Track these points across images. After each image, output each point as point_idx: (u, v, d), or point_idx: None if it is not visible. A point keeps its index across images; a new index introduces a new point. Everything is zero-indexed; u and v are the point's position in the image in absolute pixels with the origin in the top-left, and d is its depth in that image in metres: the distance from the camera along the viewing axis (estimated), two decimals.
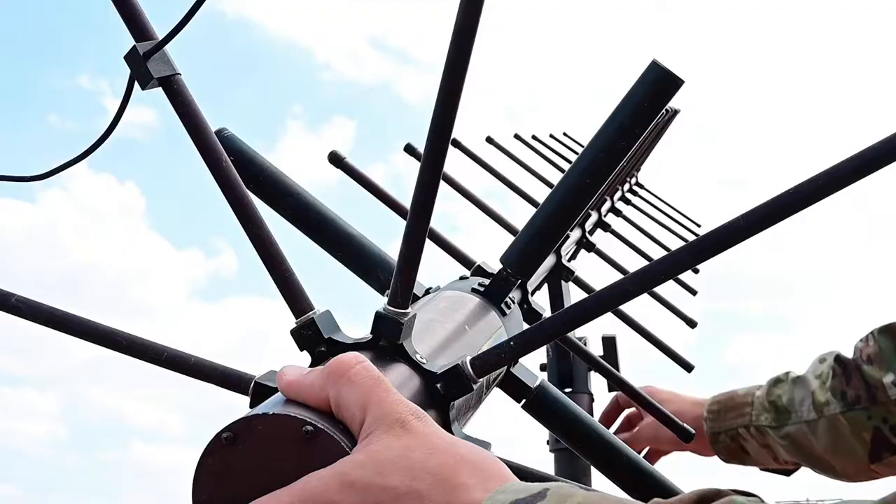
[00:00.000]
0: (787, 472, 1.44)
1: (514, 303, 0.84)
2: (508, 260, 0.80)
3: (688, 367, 0.97)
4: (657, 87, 0.73)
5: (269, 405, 0.50)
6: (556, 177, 1.75)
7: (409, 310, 0.59)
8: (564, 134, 2.14)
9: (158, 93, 0.62)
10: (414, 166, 1.36)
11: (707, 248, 0.53)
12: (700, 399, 1.44)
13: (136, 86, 0.62)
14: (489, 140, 1.63)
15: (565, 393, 1.35)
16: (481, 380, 0.60)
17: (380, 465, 0.46)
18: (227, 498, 0.49)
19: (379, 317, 0.58)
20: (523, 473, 0.59)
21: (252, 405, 0.61)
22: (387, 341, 0.59)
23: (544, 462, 1.34)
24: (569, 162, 1.92)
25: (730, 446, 1.40)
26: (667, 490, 0.79)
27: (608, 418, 1.46)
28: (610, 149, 0.75)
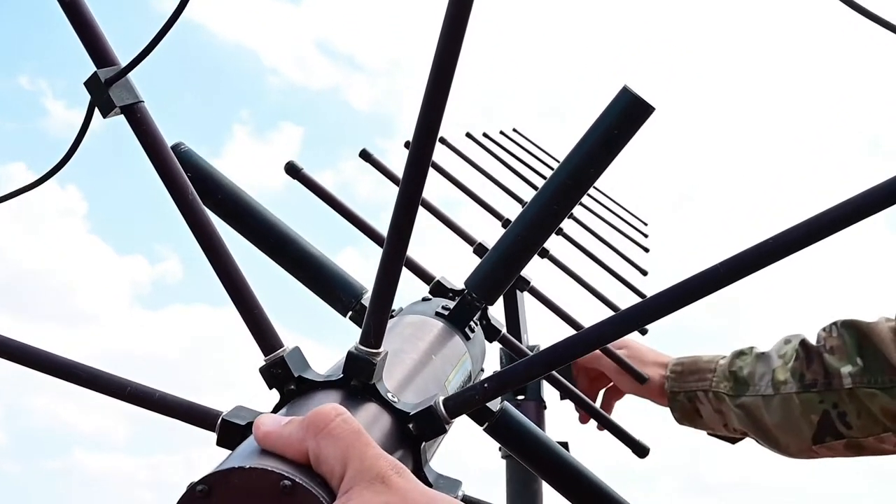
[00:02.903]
0: (733, 441, 1.51)
1: (477, 325, 0.84)
2: (473, 285, 0.79)
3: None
4: (627, 114, 0.73)
5: (245, 456, 0.49)
6: (506, 176, 1.76)
7: (380, 349, 0.58)
8: (514, 130, 2.15)
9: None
10: (367, 173, 1.35)
11: (684, 296, 0.53)
12: (663, 358, 1.49)
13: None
14: (442, 140, 1.62)
15: (518, 400, 1.37)
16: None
17: None
18: None
19: (351, 357, 0.57)
20: None
21: (219, 442, 0.60)
22: (358, 381, 0.58)
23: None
24: (517, 160, 1.93)
25: (685, 406, 1.47)
26: None
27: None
28: (579, 175, 0.75)
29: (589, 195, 1.94)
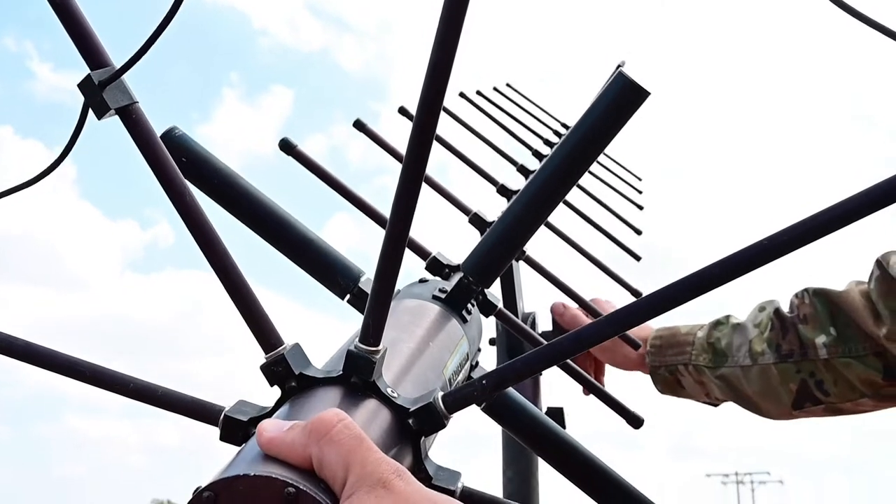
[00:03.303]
0: (715, 405, 1.56)
1: (474, 306, 0.85)
2: (470, 268, 0.80)
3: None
4: (623, 99, 0.73)
5: (249, 462, 0.50)
6: (501, 138, 1.74)
7: (380, 347, 0.59)
8: (508, 86, 2.13)
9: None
10: (359, 137, 1.34)
11: (678, 295, 0.54)
12: (643, 332, 1.53)
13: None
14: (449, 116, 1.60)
15: None
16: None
17: None
18: None
19: (351, 356, 0.58)
20: None
21: (222, 438, 0.61)
22: (358, 378, 0.59)
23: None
24: (512, 118, 1.91)
25: (667, 379, 1.52)
26: (618, 485, 0.82)
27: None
28: (575, 157, 0.75)
29: None
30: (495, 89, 2.03)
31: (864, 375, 1.32)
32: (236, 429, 0.60)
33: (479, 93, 1.93)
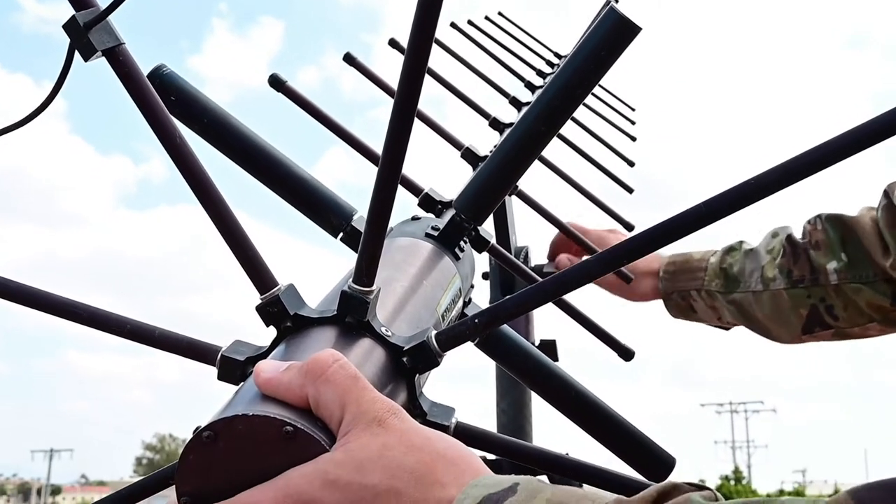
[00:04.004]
0: (726, 329, 1.58)
1: (466, 242, 0.85)
2: (462, 206, 0.80)
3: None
4: (614, 35, 0.72)
5: (247, 403, 0.51)
6: (493, 69, 1.72)
7: (373, 287, 0.59)
8: (500, 14, 2.09)
9: None
10: (351, 69, 1.32)
11: (669, 233, 0.55)
12: (653, 264, 1.55)
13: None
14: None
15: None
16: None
17: (359, 463, 0.48)
18: (210, 491, 0.50)
19: (345, 296, 0.59)
20: (488, 440, 0.62)
21: (220, 377, 0.62)
22: (353, 318, 0.59)
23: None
24: (504, 49, 1.88)
25: (680, 304, 1.54)
26: (607, 416, 0.84)
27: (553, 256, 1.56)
28: (566, 95, 0.75)
29: None
30: (487, 18, 2.00)
31: (873, 301, 1.34)
32: (233, 368, 0.61)
33: (470, 22, 1.90)
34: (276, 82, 1.01)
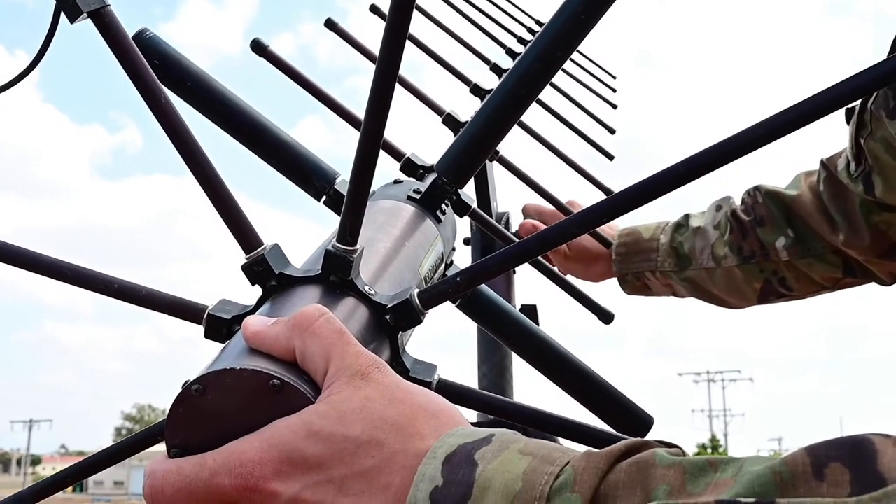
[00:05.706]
0: (682, 297, 1.61)
1: (448, 206, 0.86)
2: (444, 168, 0.81)
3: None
4: None
5: (235, 357, 0.53)
6: (474, 36, 1.73)
7: (357, 246, 0.60)
8: None
9: None
10: (328, 35, 1.32)
11: (646, 193, 0.56)
12: (604, 249, 1.56)
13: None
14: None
15: None
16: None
17: (342, 415, 0.49)
18: (199, 443, 0.52)
19: (329, 255, 0.60)
20: (470, 397, 0.64)
21: (206, 335, 0.63)
22: (337, 277, 0.61)
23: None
24: (485, 15, 1.88)
25: (635, 284, 1.57)
26: (588, 377, 0.86)
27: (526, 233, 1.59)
28: (546, 58, 0.76)
29: None
30: None
31: (825, 273, 1.36)
32: (220, 326, 0.62)
33: None
34: (259, 47, 1.01)
